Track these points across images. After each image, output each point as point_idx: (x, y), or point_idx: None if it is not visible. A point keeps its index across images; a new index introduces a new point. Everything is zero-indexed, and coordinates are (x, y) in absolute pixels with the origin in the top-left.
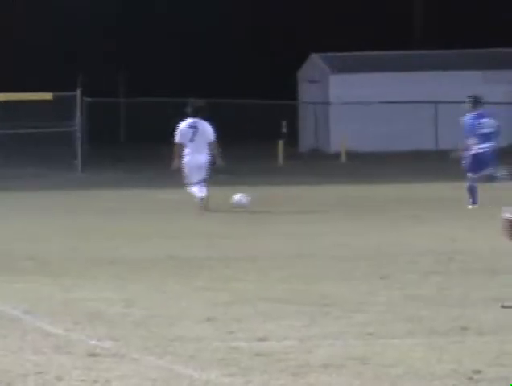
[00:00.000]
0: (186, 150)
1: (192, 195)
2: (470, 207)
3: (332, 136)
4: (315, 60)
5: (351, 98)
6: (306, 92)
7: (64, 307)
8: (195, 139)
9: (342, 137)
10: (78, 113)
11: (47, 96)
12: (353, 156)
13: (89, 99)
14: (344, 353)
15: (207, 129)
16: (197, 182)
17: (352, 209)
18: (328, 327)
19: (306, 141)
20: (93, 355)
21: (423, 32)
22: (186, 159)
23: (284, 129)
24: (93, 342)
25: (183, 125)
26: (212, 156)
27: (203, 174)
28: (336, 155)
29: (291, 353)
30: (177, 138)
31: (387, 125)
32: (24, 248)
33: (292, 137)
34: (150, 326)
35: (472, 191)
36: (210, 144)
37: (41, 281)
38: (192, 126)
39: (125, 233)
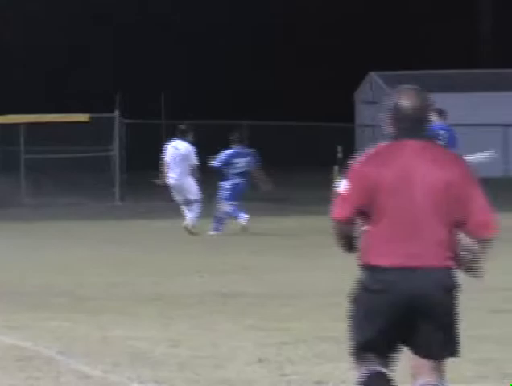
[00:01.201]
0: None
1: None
2: (212, 233)
3: None
4: (374, 79)
5: None
6: (363, 113)
7: (103, 347)
8: (178, 161)
9: None
10: (116, 136)
11: (83, 117)
12: None
13: (129, 120)
14: None
15: (190, 152)
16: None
17: None
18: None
19: None
20: None
21: (490, 50)
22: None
23: (340, 154)
24: (135, 385)
25: (170, 146)
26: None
27: (184, 196)
28: None
29: None
30: (165, 157)
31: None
32: (58, 283)
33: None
34: (197, 367)
35: (221, 219)
36: (192, 166)
37: (77, 318)
38: (176, 148)
39: (167, 267)
